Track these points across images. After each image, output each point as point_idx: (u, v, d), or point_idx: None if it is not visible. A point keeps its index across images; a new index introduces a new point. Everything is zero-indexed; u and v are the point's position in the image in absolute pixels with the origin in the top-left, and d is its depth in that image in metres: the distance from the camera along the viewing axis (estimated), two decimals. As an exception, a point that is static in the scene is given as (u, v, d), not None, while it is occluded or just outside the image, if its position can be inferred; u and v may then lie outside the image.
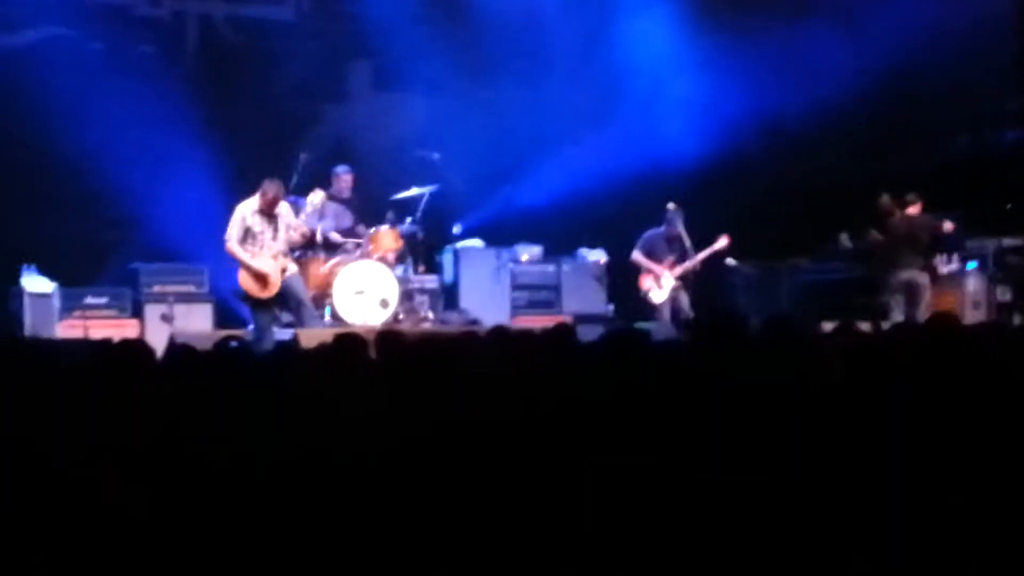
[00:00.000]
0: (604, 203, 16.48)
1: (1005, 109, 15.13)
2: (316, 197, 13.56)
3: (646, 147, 16.77)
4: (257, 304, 13.25)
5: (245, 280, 13.18)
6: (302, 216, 13.42)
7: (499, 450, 4.52)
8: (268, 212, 13.20)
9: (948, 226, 15.00)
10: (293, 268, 13.38)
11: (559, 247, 16.94)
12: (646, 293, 15.17)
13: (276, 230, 13.24)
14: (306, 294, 13.46)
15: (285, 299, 13.34)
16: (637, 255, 15.28)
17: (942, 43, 15.97)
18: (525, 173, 17.14)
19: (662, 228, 15.28)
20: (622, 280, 16.01)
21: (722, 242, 15.28)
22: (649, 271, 15.17)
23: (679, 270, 15.16)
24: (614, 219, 16.52)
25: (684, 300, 15.08)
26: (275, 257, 13.17)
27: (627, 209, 16.27)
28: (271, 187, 13.13)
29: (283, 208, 13.31)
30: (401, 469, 4.33)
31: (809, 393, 5.11)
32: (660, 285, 15.14)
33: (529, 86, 17.33)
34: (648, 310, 15.08)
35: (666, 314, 14.98)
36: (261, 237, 13.18)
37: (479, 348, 6.88)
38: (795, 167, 16.92)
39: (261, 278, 13.13)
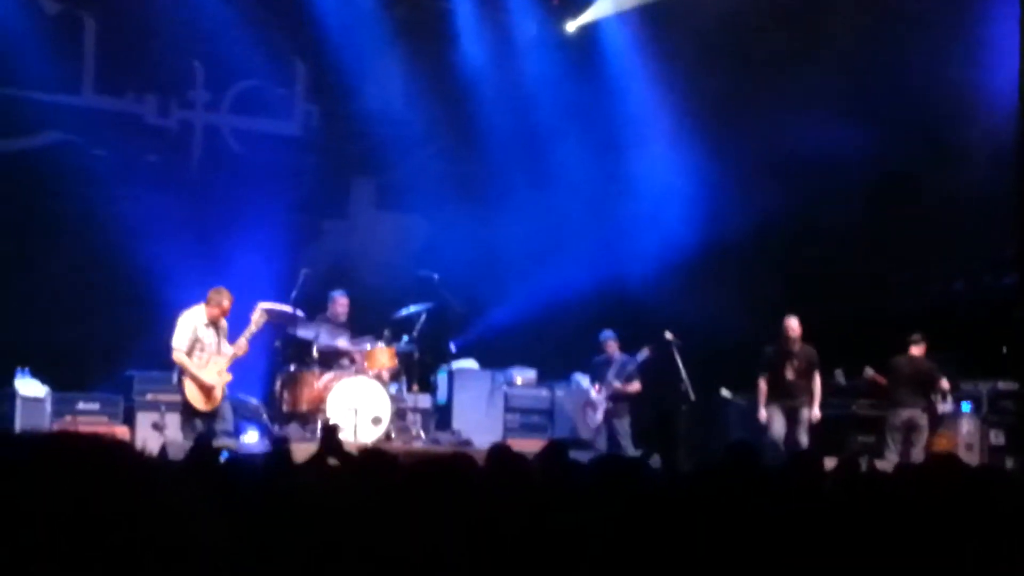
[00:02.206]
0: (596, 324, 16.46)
1: (1003, 255, 15.20)
2: (259, 316, 13.36)
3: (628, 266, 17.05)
4: (197, 416, 12.99)
5: (191, 391, 12.93)
6: (247, 334, 13.23)
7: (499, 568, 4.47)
8: (216, 323, 13.08)
9: (944, 384, 15.13)
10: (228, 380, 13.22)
11: (555, 371, 16.93)
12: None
13: (221, 342, 13.11)
14: (231, 416, 13.27)
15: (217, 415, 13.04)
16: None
17: (946, 185, 16.13)
18: (520, 293, 17.21)
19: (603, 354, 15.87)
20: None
21: (643, 353, 15.46)
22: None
23: (606, 392, 15.59)
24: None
25: (620, 424, 15.46)
26: (220, 373, 13.00)
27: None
28: (224, 297, 13.03)
29: (223, 322, 13.21)
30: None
31: (819, 529, 5.08)
32: (594, 409, 15.64)
33: (529, 203, 17.49)
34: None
35: (601, 442, 15.26)
36: (209, 349, 13.01)
37: (474, 468, 6.83)
38: (790, 298, 16.96)
39: (207, 391, 12.93)
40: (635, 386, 15.70)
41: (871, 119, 16.20)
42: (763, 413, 14.72)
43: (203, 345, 12.98)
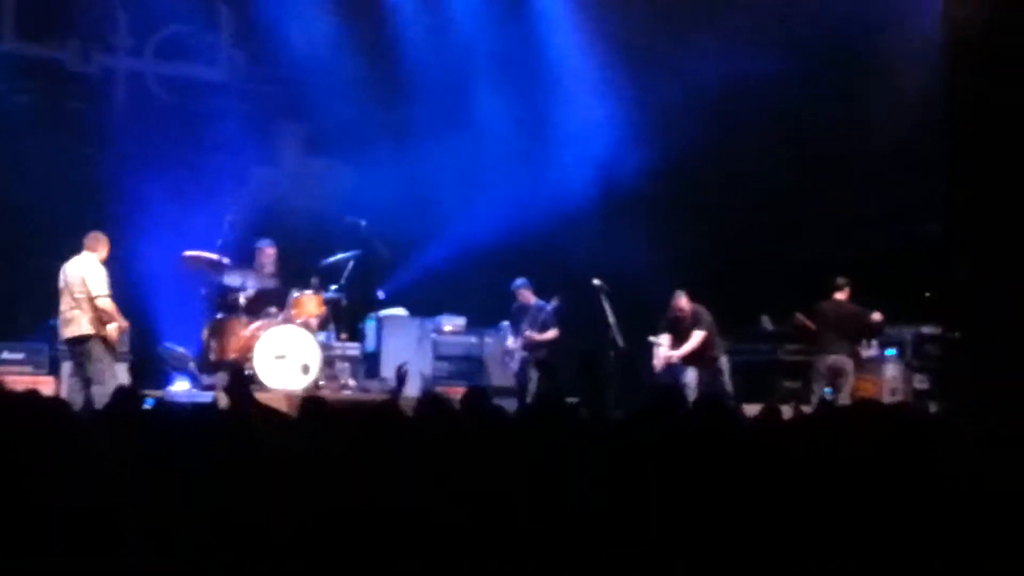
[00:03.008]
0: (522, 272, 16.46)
1: (928, 203, 15.35)
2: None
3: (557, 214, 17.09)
4: (111, 354, 12.92)
5: (113, 334, 12.83)
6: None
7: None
8: None
9: (877, 316, 15.22)
10: None
11: (484, 318, 16.94)
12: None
13: None
14: None
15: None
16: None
17: (870, 131, 16.23)
18: (449, 240, 17.21)
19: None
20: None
21: (554, 301, 15.67)
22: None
23: (521, 342, 15.78)
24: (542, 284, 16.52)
25: (532, 371, 15.48)
26: None
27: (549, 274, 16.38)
28: (107, 242, 12.95)
29: None
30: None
31: (736, 476, 5.12)
32: (511, 358, 15.93)
33: (455, 149, 17.47)
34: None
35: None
36: None
37: (400, 416, 6.82)
38: (716, 246, 17.07)
39: (116, 334, 12.94)
40: (550, 334, 15.70)
41: (795, 56, 16.21)
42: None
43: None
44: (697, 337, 14.98)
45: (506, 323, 16.62)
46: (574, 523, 4.74)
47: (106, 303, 12.69)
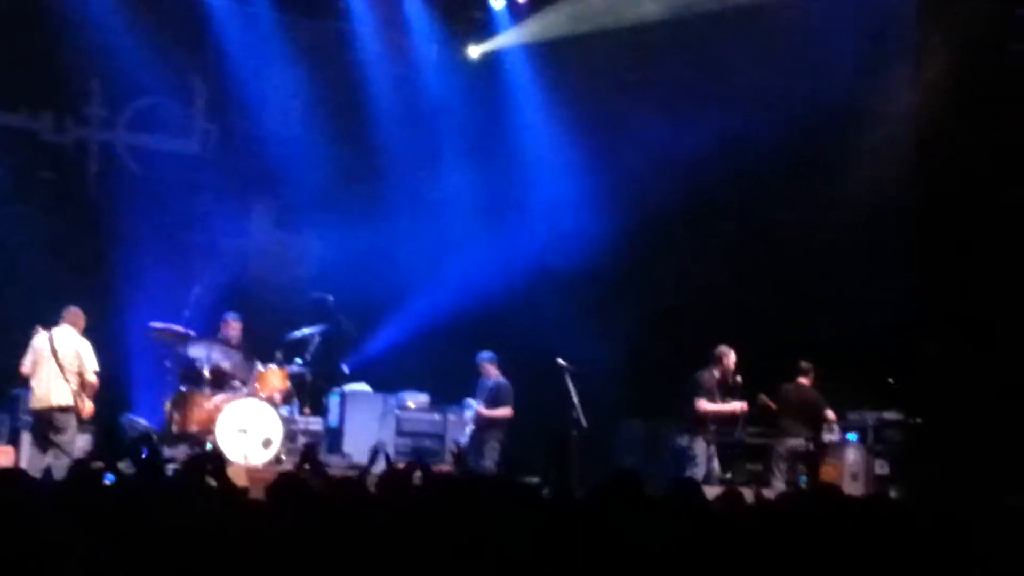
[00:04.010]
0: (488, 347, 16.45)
1: (892, 288, 15.47)
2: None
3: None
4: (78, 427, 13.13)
5: (90, 409, 13.09)
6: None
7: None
8: None
9: (830, 415, 15.32)
10: None
11: (448, 394, 16.91)
12: None
13: None
14: None
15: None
16: None
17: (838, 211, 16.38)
18: (415, 316, 17.26)
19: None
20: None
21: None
22: None
23: (472, 416, 15.61)
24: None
25: (486, 448, 15.23)
26: None
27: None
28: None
29: None
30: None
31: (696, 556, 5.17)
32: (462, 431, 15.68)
33: (422, 224, 17.58)
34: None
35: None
36: None
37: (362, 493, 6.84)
38: (677, 326, 17.12)
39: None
40: (499, 412, 15.53)
41: (765, 129, 16.33)
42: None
43: None
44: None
45: (469, 400, 16.58)
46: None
47: (95, 379, 13.02)
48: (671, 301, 17.20)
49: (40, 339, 12.98)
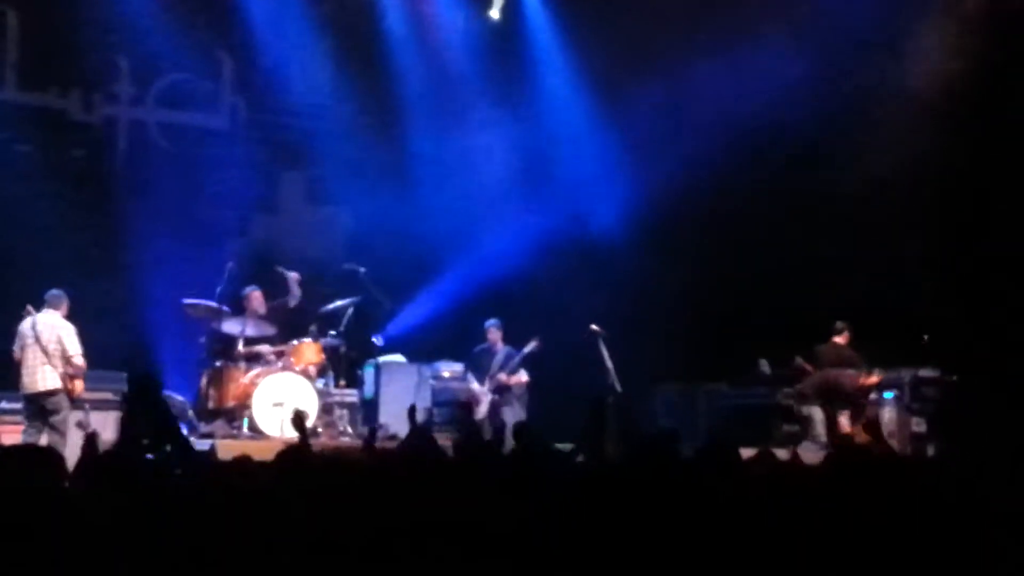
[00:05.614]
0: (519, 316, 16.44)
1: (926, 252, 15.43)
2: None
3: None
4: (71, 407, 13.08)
5: (80, 389, 13.01)
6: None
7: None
8: None
9: (873, 379, 15.28)
10: None
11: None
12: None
13: None
14: None
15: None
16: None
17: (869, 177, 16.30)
18: (448, 286, 17.27)
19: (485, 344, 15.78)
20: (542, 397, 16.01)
21: (532, 344, 15.40)
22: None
23: (490, 385, 15.51)
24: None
25: (507, 413, 15.09)
26: None
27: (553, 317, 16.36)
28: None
29: None
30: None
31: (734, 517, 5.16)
32: (477, 403, 15.43)
33: (453, 194, 17.55)
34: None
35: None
36: None
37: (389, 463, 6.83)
38: (714, 289, 17.08)
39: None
40: (519, 378, 15.58)
41: (796, 100, 16.25)
42: None
43: None
44: None
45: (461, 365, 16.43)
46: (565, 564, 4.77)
47: (81, 361, 12.89)
48: (706, 266, 17.15)
49: (26, 324, 12.96)
